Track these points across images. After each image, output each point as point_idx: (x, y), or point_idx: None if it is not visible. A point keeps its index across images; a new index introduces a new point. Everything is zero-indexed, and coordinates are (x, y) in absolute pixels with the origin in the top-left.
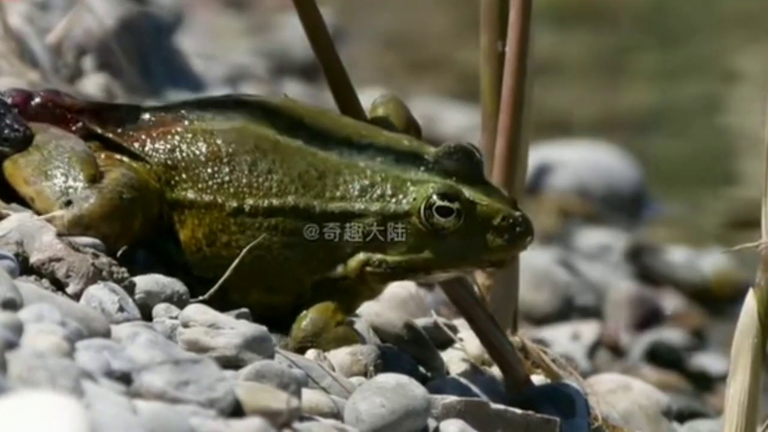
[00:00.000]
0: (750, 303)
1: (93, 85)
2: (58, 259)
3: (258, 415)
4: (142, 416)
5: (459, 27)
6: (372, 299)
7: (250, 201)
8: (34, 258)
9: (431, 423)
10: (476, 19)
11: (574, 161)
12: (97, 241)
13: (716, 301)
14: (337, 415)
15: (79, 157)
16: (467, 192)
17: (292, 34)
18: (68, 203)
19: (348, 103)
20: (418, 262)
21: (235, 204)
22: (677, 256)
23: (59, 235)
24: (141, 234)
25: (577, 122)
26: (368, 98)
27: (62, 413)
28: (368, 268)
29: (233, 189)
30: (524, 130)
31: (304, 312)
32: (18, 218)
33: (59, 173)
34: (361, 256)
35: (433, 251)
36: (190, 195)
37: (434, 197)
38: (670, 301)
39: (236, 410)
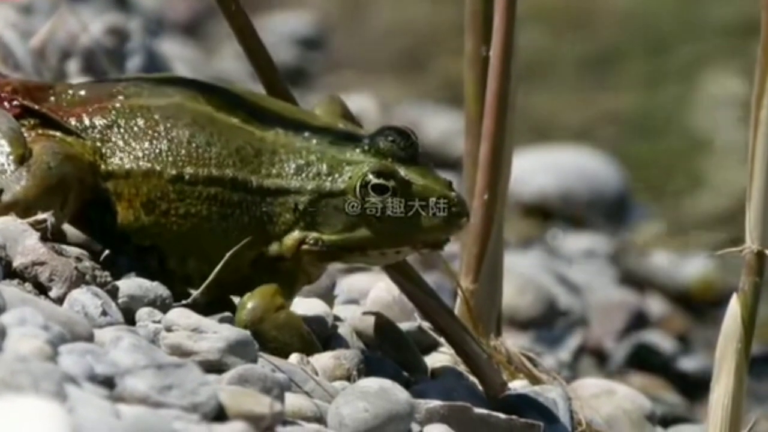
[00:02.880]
0: (734, 307)
1: None
2: (41, 263)
3: (241, 419)
4: (125, 420)
5: (443, 31)
6: (310, 284)
7: (189, 169)
8: (17, 262)
9: (415, 427)
10: (461, 23)
11: (558, 165)
12: (80, 248)
13: (700, 305)
14: (320, 419)
15: (6, 137)
16: (403, 172)
17: (273, 37)
18: (0, 191)
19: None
20: (354, 240)
21: (174, 172)
22: (661, 260)
23: (42, 239)
24: (76, 204)
25: (561, 126)
26: (352, 103)
27: (45, 417)
28: (304, 247)
29: (172, 158)
30: (508, 135)
31: (246, 297)
32: (0, 222)
33: None
34: (296, 234)
35: (369, 230)
36: (127, 165)
37: (370, 175)
38: (655, 306)
39: (219, 414)
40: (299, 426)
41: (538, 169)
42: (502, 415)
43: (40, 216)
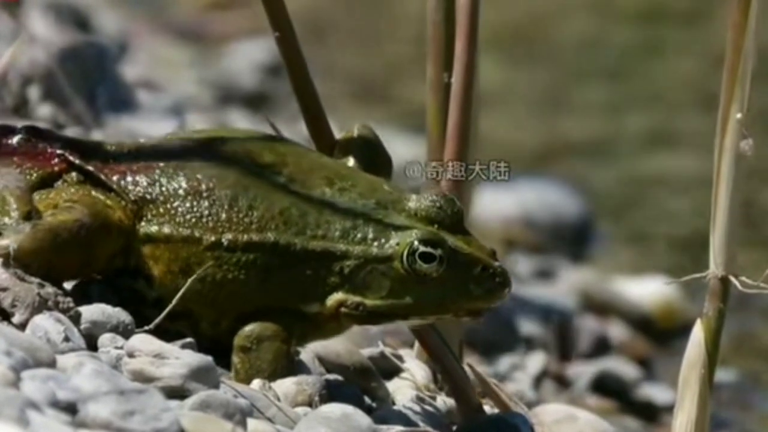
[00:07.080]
0: (697, 333)
1: (39, 114)
2: (4, 289)
3: None
4: None
5: (406, 58)
6: (329, 338)
7: (228, 235)
8: None
9: None
10: (423, 50)
11: (520, 192)
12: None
13: (663, 331)
14: None
15: (13, 194)
16: (450, 240)
17: (238, 63)
18: None
19: (319, 128)
20: (398, 307)
21: (213, 238)
22: (623, 286)
23: (5, 265)
24: (93, 271)
25: (523, 153)
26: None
27: None
28: (343, 309)
29: (212, 223)
30: (470, 161)
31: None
32: None
33: None
34: (339, 295)
35: (413, 297)
36: (167, 229)
37: (417, 243)
38: (617, 332)
39: None
40: None
41: (500, 196)
42: None
43: (3, 242)
